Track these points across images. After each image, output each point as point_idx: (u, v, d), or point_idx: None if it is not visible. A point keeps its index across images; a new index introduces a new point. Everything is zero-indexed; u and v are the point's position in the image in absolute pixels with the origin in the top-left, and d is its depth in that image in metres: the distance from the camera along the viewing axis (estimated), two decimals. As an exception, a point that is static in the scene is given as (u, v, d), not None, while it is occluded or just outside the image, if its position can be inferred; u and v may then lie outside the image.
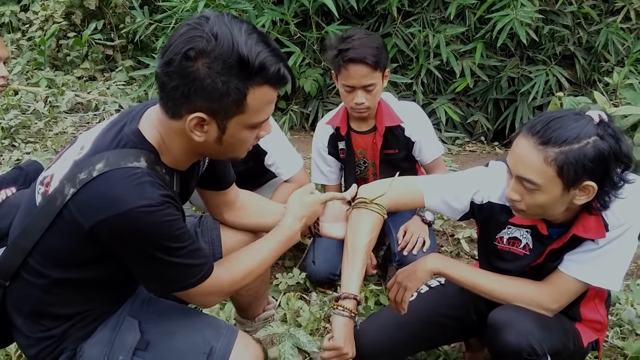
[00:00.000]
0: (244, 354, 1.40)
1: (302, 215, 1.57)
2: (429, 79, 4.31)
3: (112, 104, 4.55)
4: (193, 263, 1.32)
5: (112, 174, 1.20)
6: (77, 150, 1.30)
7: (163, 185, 1.25)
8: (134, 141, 1.26)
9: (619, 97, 3.57)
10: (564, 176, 1.34)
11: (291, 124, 4.53)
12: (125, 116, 1.33)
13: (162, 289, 1.38)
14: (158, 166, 1.28)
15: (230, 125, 1.24)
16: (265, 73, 1.19)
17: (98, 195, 1.20)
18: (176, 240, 1.26)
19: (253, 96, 1.21)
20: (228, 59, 1.16)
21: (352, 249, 1.60)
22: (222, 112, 1.21)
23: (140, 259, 1.27)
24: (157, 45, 4.64)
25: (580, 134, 1.33)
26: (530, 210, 1.44)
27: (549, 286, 1.55)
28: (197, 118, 1.20)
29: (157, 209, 1.20)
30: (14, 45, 5.66)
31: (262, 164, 2.38)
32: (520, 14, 3.79)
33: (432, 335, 1.81)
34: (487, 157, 4.14)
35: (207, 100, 1.19)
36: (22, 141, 4.00)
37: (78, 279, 1.33)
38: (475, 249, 2.79)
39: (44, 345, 1.38)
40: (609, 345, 2.12)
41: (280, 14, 4.09)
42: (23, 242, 1.30)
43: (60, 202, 1.23)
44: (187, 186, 1.45)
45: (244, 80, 1.18)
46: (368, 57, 2.10)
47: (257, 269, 1.48)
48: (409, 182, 1.75)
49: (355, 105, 2.20)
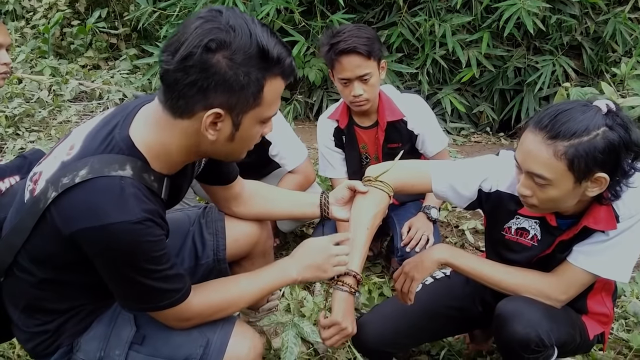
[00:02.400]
0: (241, 344, 1.39)
1: (308, 265, 1.48)
2: (434, 68, 4.29)
3: (116, 92, 4.54)
4: (166, 287, 1.27)
5: (94, 182, 1.16)
6: (66, 148, 1.27)
7: (148, 199, 1.21)
8: (122, 147, 1.22)
9: (627, 88, 3.53)
10: (575, 169, 1.32)
11: (295, 114, 4.52)
12: (118, 114, 1.29)
13: (130, 306, 1.33)
14: (146, 174, 1.23)
15: (245, 120, 1.21)
16: (282, 64, 1.19)
17: (78, 203, 1.17)
18: (153, 262, 1.22)
19: (269, 88, 1.19)
20: (248, 50, 1.14)
21: (355, 226, 1.58)
22: (240, 105, 1.18)
23: (113, 274, 1.24)
24: (161, 34, 4.62)
25: (589, 126, 1.31)
26: (543, 205, 1.43)
27: (557, 277, 1.54)
28: (214, 114, 1.17)
29: (138, 226, 1.16)
30: (17, 34, 5.65)
31: (266, 154, 2.37)
32: (527, 3, 3.76)
33: (436, 327, 1.81)
34: (493, 148, 4.12)
35: (226, 94, 1.16)
36: (26, 130, 4.00)
37: (64, 279, 1.32)
38: (480, 241, 2.79)
39: (40, 339, 1.38)
40: (614, 337, 2.11)
41: (284, 3, 4.06)
42: (13, 239, 1.29)
43: (43, 205, 1.20)
44: (178, 189, 1.41)
45: (263, 71, 1.17)
46: (359, 46, 2.09)
47: (234, 306, 1.42)
48: (417, 165, 1.74)
49: (353, 98, 2.18)
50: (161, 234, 1.24)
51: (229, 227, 1.64)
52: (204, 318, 1.38)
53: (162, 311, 1.31)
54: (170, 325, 1.36)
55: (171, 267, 1.28)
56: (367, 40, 2.11)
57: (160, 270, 1.24)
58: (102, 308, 1.42)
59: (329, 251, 1.49)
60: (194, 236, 1.63)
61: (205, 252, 1.62)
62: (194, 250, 1.62)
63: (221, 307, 1.40)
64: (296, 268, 1.48)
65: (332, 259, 1.49)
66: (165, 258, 1.25)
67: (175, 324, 1.36)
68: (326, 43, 2.17)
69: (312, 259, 1.49)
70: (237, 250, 1.68)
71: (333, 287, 1.53)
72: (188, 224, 1.65)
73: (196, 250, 1.62)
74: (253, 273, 1.49)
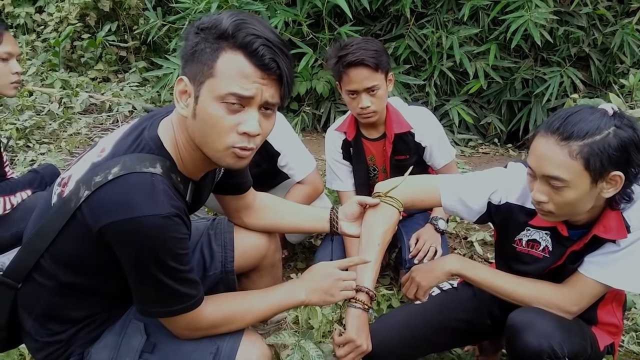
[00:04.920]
0: (251, 352, 1.39)
1: (316, 289, 1.50)
2: (442, 80, 4.29)
3: (126, 105, 4.57)
4: (183, 291, 1.29)
5: (127, 178, 1.20)
6: (97, 152, 1.31)
7: (176, 196, 1.24)
8: (152, 146, 1.27)
9: (635, 99, 3.53)
10: (591, 168, 1.33)
11: (303, 126, 4.53)
12: (146, 120, 1.34)
13: (148, 309, 1.33)
14: (174, 174, 1.28)
15: (202, 90, 1.21)
16: (236, 38, 1.19)
17: (110, 198, 1.20)
18: (175, 259, 1.24)
19: (224, 59, 1.19)
20: (215, 22, 1.21)
21: (366, 243, 1.60)
22: (199, 75, 1.21)
23: (136, 270, 1.25)
24: (170, 47, 4.66)
25: (600, 125, 1.33)
26: (560, 211, 1.42)
27: (568, 288, 1.54)
28: (178, 80, 1.23)
29: (166, 221, 1.19)
30: (28, 47, 5.72)
31: (275, 165, 2.38)
32: (534, 15, 3.76)
33: (443, 339, 1.80)
34: (501, 159, 4.11)
35: (191, 62, 1.22)
36: (37, 142, 4.03)
37: (86, 284, 1.34)
38: (488, 252, 2.78)
39: (52, 349, 1.39)
40: (625, 350, 2.10)
41: (293, 15, 4.09)
42: (37, 243, 1.31)
43: (75, 204, 1.23)
44: (199, 196, 1.44)
45: (218, 41, 1.20)
46: (367, 58, 2.11)
47: (240, 321, 1.42)
48: (426, 179, 1.75)
49: (361, 110, 2.19)
50: (186, 233, 1.26)
51: (238, 239, 1.65)
52: (212, 329, 1.39)
53: (173, 317, 1.32)
54: (179, 334, 1.37)
55: (190, 271, 1.30)
56: (374, 53, 2.13)
57: (181, 271, 1.26)
58: (115, 317, 1.43)
59: (336, 276, 1.51)
60: (202, 247, 1.64)
61: (214, 263, 1.63)
62: (202, 261, 1.63)
63: (229, 321, 1.41)
64: (305, 291, 1.49)
65: (339, 284, 1.50)
66: (187, 259, 1.28)
67: (185, 332, 1.37)
68: (334, 55, 2.19)
69: (320, 284, 1.50)
70: (245, 262, 1.68)
71: (346, 304, 1.54)
72: (197, 236, 1.66)
73: (204, 262, 1.63)
74: (263, 291, 1.50)
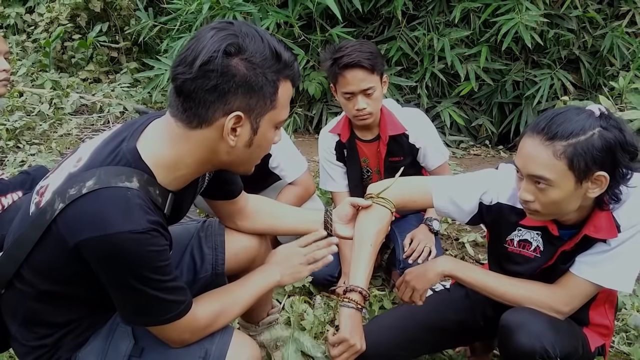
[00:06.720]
0: (240, 354, 1.39)
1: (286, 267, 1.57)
2: (433, 82, 4.31)
3: (117, 106, 4.56)
4: (170, 299, 1.27)
5: (101, 193, 1.17)
6: (74, 161, 1.28)
7: (152, 210, 1.21)
8: (128, 159, 1.23)
9: (625, 102, 3.55)
10: (575, 168, 1.34)
11: (295, 127, 4.53)
12: (126, 129, 1.30)
13: (136, 320, 1.32)
14: (151, 187, 1.24)
15: (262, 123, 1.25)
16: (291, 68, 1.25)
17: (84, 214, 1.17)
18: (157, 272, 1.22)
19: (282, 90, 1.25)
20: (263, 53, 1.20)
21: (359, 243, 1.60)
22: (259, 108, 1.23)
23: (117, 286, 1.24)
24: (161, 48, 4.65)
25: (585, 126, 1.34)
26: (545, 210, 1.43)
27: (560, 289, 1.54)
28: (235, 118, 1.20)
29: (143, 236, 1.17)
30: (19, 47, 5.69)
31: (266, 166, 2.38)
32: (525, 17, 3.79)
33: (436, 340, 1.80)
34: (492, 161, 4.13)
35: (245, 96, 1.20)
36: (27, 143, 4.01)
37: (65, 292, 1.32)
38: (480, 253, 2.79)
39: (39, 353, 1.37)
40: (615, 350, 2.11)
41: (284, 17, 4.10)
42: (16, 252, 1.29)
43: (50, 216, 1.20)
44: (180, 206, 1.41)
45: (277, 72, 1.23)
46: (363, 60, 2.12)
47: (228, 316, 1.44)
48: (418, 181, 1.76)
49: (356, 112, 2.19)
50: (165, 244, 1.24)
51: (229, 241, 1.64)
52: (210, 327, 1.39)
53: (167, 325, 1.30)
54: (171, 341, 1.35)
55: (174, 279, 1.28)
56: (370, 55, 2.14)
57: (164, 281, 1.24)
58: (100, 322, 1.41)
59: (299, 253, 1.59)
60: (193, 250, 1.63)
61: (204, 266, 1.61)
62: (192, 264, 1.61)
63: (220, 316, 1.41)
64: (279, 272, 1.55)
65: (303, 259, 1.58)
66: (169, 269, 1.26)
67: (186, 337, 1.35)
68: (329, 58, 2.19)
69: (288, 263, 1.58)
70: (236, 264, 1.67)
71: (339, 304, 1.54)
72: (187, 238, 1.64)
73: (195, 264, 1.61)
74: (241, 281, 1.53)
